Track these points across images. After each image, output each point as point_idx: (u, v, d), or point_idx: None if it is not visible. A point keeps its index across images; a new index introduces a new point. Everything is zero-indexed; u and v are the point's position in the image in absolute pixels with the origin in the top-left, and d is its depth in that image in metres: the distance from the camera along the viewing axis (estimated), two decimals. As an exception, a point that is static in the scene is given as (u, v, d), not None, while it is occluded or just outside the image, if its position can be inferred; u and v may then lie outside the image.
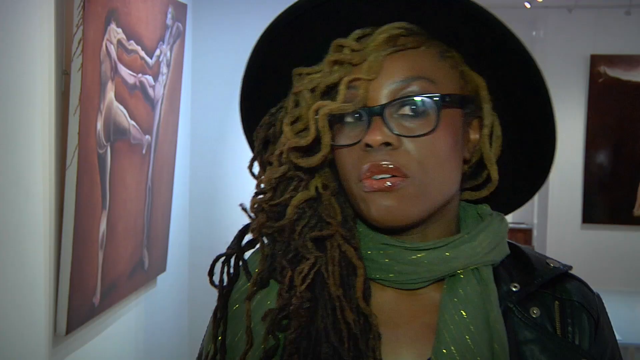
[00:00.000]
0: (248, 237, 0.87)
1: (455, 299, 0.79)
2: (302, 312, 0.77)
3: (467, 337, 0.77)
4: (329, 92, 0.81)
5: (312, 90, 0.81)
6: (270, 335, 0.78)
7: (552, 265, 0.86)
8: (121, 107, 2.05)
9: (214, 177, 3.13)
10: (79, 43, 1.73)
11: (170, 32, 2.43)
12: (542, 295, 0.83)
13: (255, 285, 0.82)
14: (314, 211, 0.82)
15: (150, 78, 2.26)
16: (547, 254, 0.91)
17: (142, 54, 2.17)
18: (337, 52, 0.81)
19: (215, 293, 0.87)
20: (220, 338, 0.84)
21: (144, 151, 2.29)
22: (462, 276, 0.80)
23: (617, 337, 3.12)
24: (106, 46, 1.87)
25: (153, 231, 2.47)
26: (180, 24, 2.52)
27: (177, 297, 2.98)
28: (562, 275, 0.85)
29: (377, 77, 0.78)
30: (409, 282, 0.81)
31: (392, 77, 0.78)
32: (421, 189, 0.78)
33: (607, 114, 5.16)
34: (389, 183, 0.76)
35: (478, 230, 0.83)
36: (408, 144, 0.77)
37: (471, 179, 0.89)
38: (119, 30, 1.96)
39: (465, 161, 0.84)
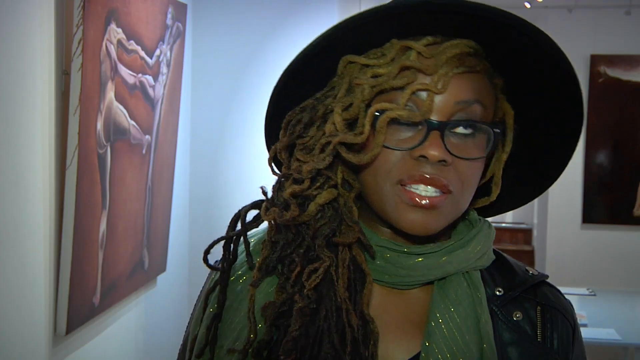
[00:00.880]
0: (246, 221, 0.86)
1: (446, 300, 0.82)
2: (307, 310, 0.78)
3: (457, 335, 0.79)
4: (388, 91, 0.80)
5: (373, 86, 0.80)
6: (269, 329, 0.79)
7: (531, 272, 0.89)
8: (121, 107, 2.05)
9: (214, 177, 3.13)
10: (79, 43, 1.73)
11: (170, 32, 2.43)
12: (524, 300, 0.86)
13: (260, 271, 0.81)
14: (334, 211, 0.82)
15: (150, 78, 2.26)
16: (547, 254, 0.93)
17: (142, 54, 2.17)
18: (402, 54, 0.80)
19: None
20: (213, 329, 0.84)
21: (144, 151, 2.29)
22: (452, 278, 0.83)
23: (617, 337, 3.12)
24: (106, 46, 1.87)
25: (153, 231, 2.47)
26: (180, 24, 2.52)
27: (177, 297, 2.98)
28: (542, 283, 0.89)
29: (445, 92, 0.78)
30: (402, 284, 0.83)
31: (456, 96, 0.79)
32: (454, 206, 0.80)
33: (607, 114, 5.17)
34: (427, 202, 0.78)
35: (471, 237, 0.85)
36: (457, 163, 0.79)
37: None
38: (119, 30, 1.96)
39: None
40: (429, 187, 0.78)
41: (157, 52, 2.31)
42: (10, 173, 1.60)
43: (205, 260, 0.87)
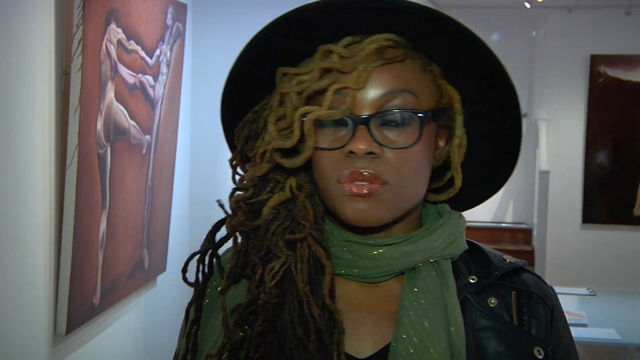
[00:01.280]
0: (220, 234, 0.91)
1: (415, 289, 0.84)
2: (270, 306, 0.82)
3: (425, 322, 0.82)
4: (314, 95, 0.84)
5: (300, 92, 0.85)
6: (237, 330, 0.83)
7: (508, 260, 0.91)
8: (121, 107, 2.05)
9: (214, 177, 3.13)
10: (79, 43, 1.73)
11: (170, 32, 2.43)
12: (500, 286, 0.88)
13: (228, 280, 0.86)
14: (288, 212, 0.86)
15: (150, 78, 2.26)
16: (547, 254, 0.94)
17: (142, 54, 2.17)
18: (326, 58, 0.84)
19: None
20: (192, 336, 0.88)
21: (144, 151, 2.29)
22: (421, 268, 0.86)
23: (617, 337, 3.12)
24: (106, 46, 1.87)
25: (153, 231, 2.47)
26: (180, 24, 2.52)
27: (177, 297, 2.98)
28: (519, 269, 0.90)
29: (364, 87, 0.81)
30: (371, 276, 0.86)
31: (379, 89, 0.82)
32: (395, 195, 0.82)
33: (607, 114, 5.17)
34: (366, 190, 0.81)
35: (436, 226, 0.88)
36: (389, 153, 0.81)
37: (432, 181, 0.94)
38: (119, 30, 1.96)
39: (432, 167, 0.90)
40: (361, 182, 0.81)
41: (157, 52, 2.31)
42: (10, 173, 1.60)
43: (184, 278, 0.91)
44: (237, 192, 0.89)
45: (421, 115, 0.82)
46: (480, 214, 6.36)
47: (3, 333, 1.61)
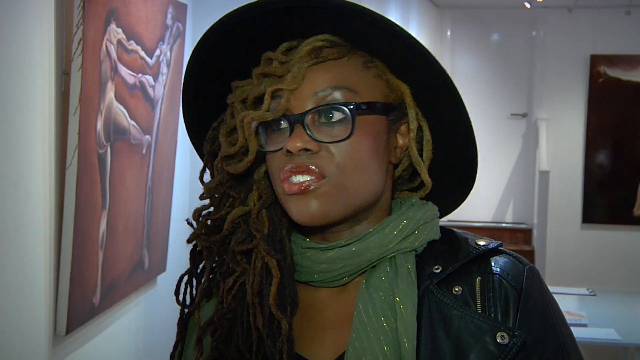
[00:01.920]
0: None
1: (370, 288, 0.83)
2: (225, 321, 0.85)
3: (374, 321, 0.81)
4: (258, 102, 0.86)
5: (243, 101, 0.87)
6: (198, 345, 0.87)
7: (482, 244, 0.87)
8: (121, 107, 2.05)
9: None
10: (79, 43, 1.73)
11: (170, 32, 2.43)
12: (466, 273, 0.85)
13: (201, 296, 0.89)
14: (247, 225, 0.88)
15: (150, 78, 2.27)
16: (547, 254, 0.92)
17: (142, 54, 2.17)
18: (265, 65, 0.86)
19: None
20: (176, 356, 0.94)
21: (144, 151, 2.29)
22: (378, 266, 0.85)
23: (617, 337, 3.12)
24: (106, 46, 1.87)
25: (153, 231, 2.47)
26: (180, 24, 2.52)
27: (177, 297, 2.98)
28: (491, 252, 0.87)
29: (298, 87, 0.82)
30: (332, 280, 0.86)
31: (314, 87, 0.82)
32: (338, 189, 0.82)
33: (607, 114, 5.17)
34: (303, 186, 0.81)
35: (388, 222, 0.86)
36: (327, 148, 0.82)
37: (409, 181, 0.94)
38: (119, 30, 1.96)
39: (395, 165, 0.89)
40: (298, 175, 0.81)
41: (157, 52, 2.31)
42: (10, 173, 1.60)
43: (178, 302, 0.95)
44: (198, 206, 0.93)
45: (351, 107, 0.81)
46: (480, 214, 6.36)
47: (3, 333, 1.61)
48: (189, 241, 0.90)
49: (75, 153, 1.76)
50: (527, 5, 5.27)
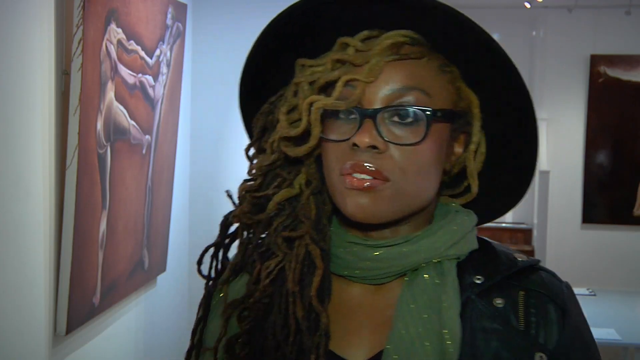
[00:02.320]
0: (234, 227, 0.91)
1: (413, 290, 0.82)
2: (260, 305, 0.82)
3: (419, 327, 0.80)
4: (327, 87, 0.83)
5: (311, 83, 0.84)
6: (226, 324, 0.84)
7: (519, 259, 0.88)
8: (121, 107, 2.05)
9: (214, 177, 3.13)
10: (79, 43, 1.73)
11: (170, 32, 2.43)
12: (509, 286, 0.85)
13: (230, 273, 0.87)
14: (292, 209, 0.85)
15: (150, 78, 2.26)
16: (547, 254, 0.92)
17: (142, 54, 2.17)
18: (341, 50, 0.83)
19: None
20: (198, 331, 0.89)
21: (144, 151, 2.29)
22: (422, 269, 0.84)
23: (617, 337, 3.12)
24: (106, 46, 1.87)
25: (153, 231, 2.47)
26: (180, 24, 2.52)
27: (177, 297, 2.98)
28: (530, 268, 0.87)
29: (375, 80, 0.80)
30: (373, 278, 0.85)
31: (390, 84, 0.80)
32: (398, 193, 0.81)
33: (607, 114, 5.17)
34: (367, 184, 0.79)
35: (439, 227, 0.86)
36: (393, 150, 0.80)
37: (449, 188, 0.92)
38: (119, 30, 1.96)
39: (445, 172, 0.87)
40: (362, 174, 0.80)
41: (157, 52, 2.31)
42: (10, 173, 1.60)
43: (199, 270, 0.92)
44: (246, 183, 0.88)
45: (429, 112, 0.79)
46: (480, 214, 6.34)
47: (3, 333, 1.61)
48: (234, 216, 0.86)
49: (75, 153, 1.76)
50: (527, 5, 5.27)
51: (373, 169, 0.79)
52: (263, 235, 0.87)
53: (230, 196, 0.89)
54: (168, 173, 2.60)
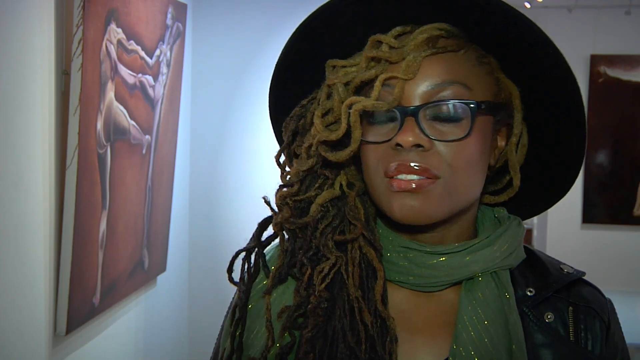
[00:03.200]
0: (267, 232, 0.87)
1: (474, 301, 0.79)
2: (320, 311, 0.78)
3: (485, 338, 0.77)
4: (363, 87, 0.80)
5: (346, 84, 0.81)
6: (286, 333, 0.79)
7: (565, 270, 0.86)
8: (121, 107, 2.05)
9: (214, 177, 3.13)
10: (79, 43, 1.73)
11: (170, 32, 2.43)
12: (557, 300, 0.83)
13: (273, 280, 0.82)
14: (337, 210, 0.82)
15: (150, 78, 2.26)
16: (547, 254, 0.91)
17: (142, 54, 2.17)
18: (374, 48, 0.80)
19: (215, 292, 0.88)
20: (237, 337, 0.84)
21: (144, 151, 2.29)
22: (480, 279, 0.81)
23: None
24: (106, 46, 1.87)
25: (153, 231, 2.47)
26: (180, 24, 2.52)
27: (177, 297, 2.98)
28: (577, 281, 0.86)
29: (413, 77, 0.77)
30: (428, 285, 0.81)
31: (429, 80, 0.77)
32: (448, 191, 0.77)
33: (607, 114, 5.16)
34: (414, 185, 0.76)
35: (497, 235, 0.83)
36: (439, 146, 0.77)
37: (491, 183, 0.89)
38: (119, 30, 1.96)
39: (489, 167, 0.84)
40: (409, 175, 0.77)
41: (157, 52, 2.31)
42: (10, 173, 1.60)
43: (230, 278, 0.87)
44: (284, 189, 0.84)
45: (472, 106, 0.76)
46: (480, 214, 6.34)
47: (3, 333, 1.61)
48: (276, 225, 0.82)
49: (75, 153, 1.76)
50: (527, 5, 5.27)
51: (418, 167, 0.76)
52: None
53: (268, 202, 0.85)
54: (168, 173, 2.60)
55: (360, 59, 0.81)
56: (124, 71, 2.03)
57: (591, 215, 5.20)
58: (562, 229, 5.37)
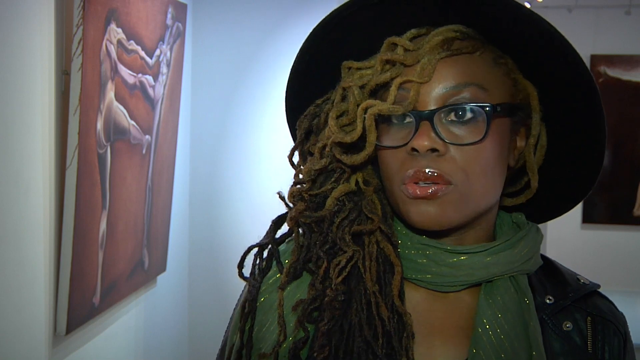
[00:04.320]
0: (280, 231, 0.87)
1: (493, 305, 0.79)
2: (337, 304, 0.77)
3: (505, 343, 0.77)
4: (378, 90, 0.80)
5: (362, 87, 0.81)
6: (300, 327, 0.78)
7: (582, 281, 0.86)
8: (121, 107, 2.05)
9: (214, 177, 3.13)
10: (79, 43, 1.73)
11: (170, 32, 2.43)
12: (575, 309, 0.83)
13: (288, 275, 0.81)
14: (354, 204, 0.82)
15: (150, 78, 2.26)
16: (547, 254, 0.91)
17: (142, 54, 2.17)
18: (390, 51, 0.79)
19: (215, 292, 0.88)
20: (247, 331, 0.83)
21: (144, 151, 2.29)
22: (499, 283, 0.80)
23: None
24: (106, 46, 1.87)
25: (153, 231, 2.47)
26: (180, 24, 2.52)
27: (177, 297, 2.98)
28: (593, 292, 0.86)
29: (429, 80, 0.76)
30: (445, 285, 0.81)
31: (445, 82, 0.77)
32: (463, 196, 0.77)
33: (607, 114, 5.15)
34: (430, 191, 0.76)
35: (518, 238, 0.82)
36: (454, 151, 0.76)
37: (510, 185, 0.88)
38: (119, 30, 1.96)
39: (509, 168, 0.84)
40: (425, 182, 0.76)
41: (157, 52, 2.31)
42: (10, 173, 1.60)
43: (241, 273, 0.87)
44: (297, 186, 0.84)
45: (488, 108, 0.76)
46: (480, 214, 6.34)
47: (3, 333, 1.61)
48: (291, 219, 0.81)
49: (75, 153, 1.76)
50: (527, 5, 5.27)
51: (435, 173, 0.76)
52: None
53: (282, 198, 0.85)
54: (168, 173, 2.60)
55: (375, 61, 0.80)
56: (124, 71, 2.03)
57: (591, 215, 5.20)
58: (562, 229, 5.37)
